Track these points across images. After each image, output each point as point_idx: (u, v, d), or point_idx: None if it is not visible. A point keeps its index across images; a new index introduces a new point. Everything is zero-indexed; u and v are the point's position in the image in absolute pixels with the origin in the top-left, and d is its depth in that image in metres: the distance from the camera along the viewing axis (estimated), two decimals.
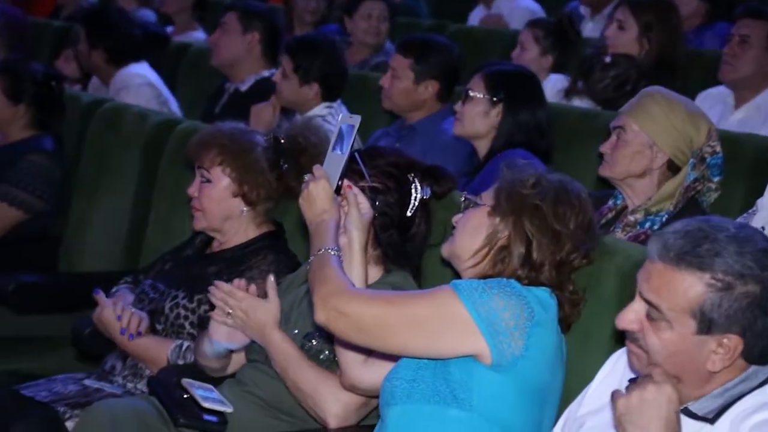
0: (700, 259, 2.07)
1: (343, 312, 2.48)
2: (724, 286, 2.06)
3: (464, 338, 2.45)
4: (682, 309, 2.08)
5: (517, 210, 2.57)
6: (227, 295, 2.96)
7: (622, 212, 3.42)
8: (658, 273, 2.11)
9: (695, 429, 2.08)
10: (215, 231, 3.48)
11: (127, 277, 3.69)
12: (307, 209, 2.69)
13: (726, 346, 2.07)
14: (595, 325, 2.63)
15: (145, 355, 3.38)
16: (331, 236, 2.63)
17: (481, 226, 2.61)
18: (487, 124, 3.96)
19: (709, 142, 3.31)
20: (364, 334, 2.50)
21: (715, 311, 2.06)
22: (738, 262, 2.06)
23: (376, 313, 2.48)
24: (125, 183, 4.34)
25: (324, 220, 2.65)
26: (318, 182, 2.67)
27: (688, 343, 2.08)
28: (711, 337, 2.07)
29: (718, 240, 2.08)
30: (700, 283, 2.07)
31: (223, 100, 5.38)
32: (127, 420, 2.88)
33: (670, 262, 2.09)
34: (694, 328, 2.07)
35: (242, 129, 3.52)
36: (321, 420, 2.82)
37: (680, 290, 2.08)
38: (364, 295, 2.55)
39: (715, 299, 2.06)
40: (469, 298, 2.45)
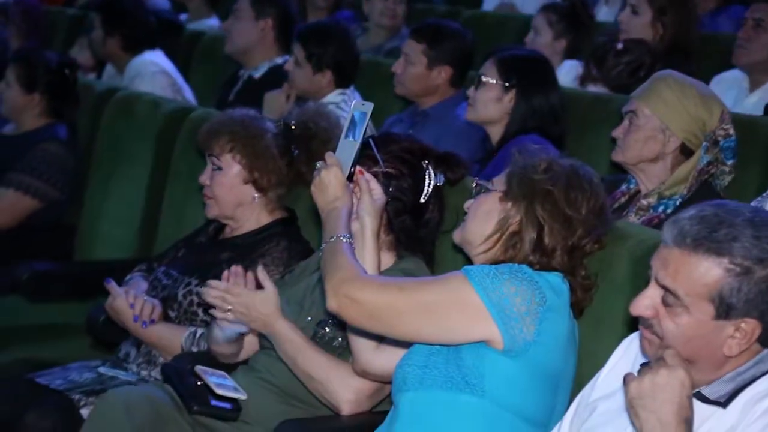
0: (717, 244, 2.06)
1: (354, 299, 2.47)
2: (743, 271, 2.04)
3: (476, 324, 2.45)
4: (699, 294, 2.06)
5: (529, 195, 2.57)
6: (224, 293, 2.96)
7: (635, 196, 3.40)
8: (675, 259, 2.09)
9: (707, 413, 2.07)
10: (228, 218, 3.48)
11: (141, 264, 3.70)
12: (319, 196, 2.68)
13: (743, 331, 2.05)
14: (608, 310, 2.62)
15: (159, 343, 3.39)
16: (343, 223, 2.62)
17: (492, 211, 2.61)
18: (500, 109, 3.95)
19: (722, 125, 3.29)
20: (376, 320, 2.50)
21: (734, 296, 2.04)
22: (756, 246, 2.05)
23: (388, 299, 2.48)
24: (139, 171, 4.35)
25: (336, 207, 2.64)
26: (330, 169, 2.66)
27: (706, 328, 2.07)
28: (729, 321, 2.06)
29: (734, 224, 2.07)
30: (718, 268, 2.05)
31: (237, 87, 5.38)
32: (141, 408, 2.89)
33: (686, 247, 2.07)
34: (712, 313, 2.06)
35: (252, 116, 3.52)
36: (333, 407, 2.83)
37: (698, 275, 2.06)
38: (375, 281, 2.55)
39: (734, 284, 2.05)
40: (480, 283, 2.45)
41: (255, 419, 2.92)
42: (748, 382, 2.07)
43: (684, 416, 1.99)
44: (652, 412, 1.99)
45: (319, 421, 2.86)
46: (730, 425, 2.03)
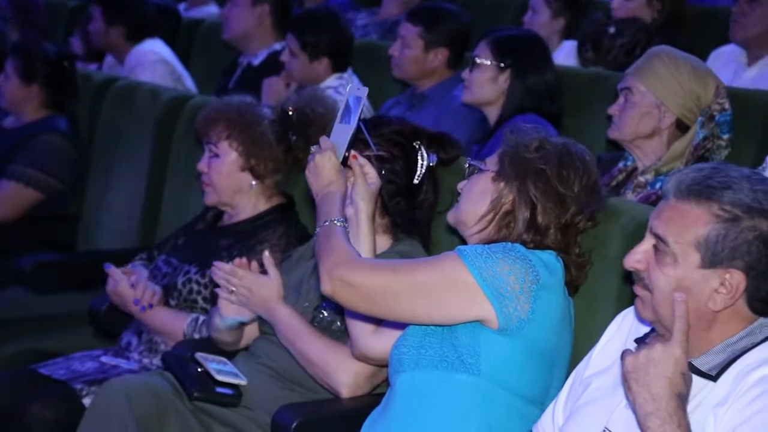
0: (710, 189, 2.06)
1: (348, 282, 2.48)
2: (731, 218, 2.04)
3: (470, 303, 2.45)
4: (687, 241, 2.07)
5: (521, 174, 2.57)
6: (229, 275, 2.98)
7: (632, 173, 3.41)
8: (669, 207, 2.11)
9: (699, 385, 2.07)
10: (226, 205, 3.49)
11: (141, 253, 3.72)
12: (314, 181, 2.68)
13: (728, 284, 2.05)
14: (601, 287, 2.63)
15: (162, 329, 3.41)
16: (337, 207, 2.62)
17: (485, 191, 2.61)
18: (496, 90, 3.95)
19: (717, 100, 3.28)
20: (371, 303, 2.51)
21: (720, 242, 2.04)
22: (748, 197, 2.05)
23: (382, 281, 2.49)
24: (139, 160, 4.36)
25: (330, 191, 2.64)
26: (324, 154, 2.66)
27: (692, 279, 2.07)
28: (714, 271, 2.05)
29: (730, 176, 2.08)
30: (707, 214, 2.06)
31: (236, 74, 5.38)
32: (142, 396, 2.90)
33: (681, 195, 2.09)
34: (698, 261, 2.06)
35: (249, 103, 3.53)
36: (333, 390, 2.84)
37: (688, 222, 2.07)
38: (369, 264, 2.55)
39: (720, 230, 2.05)
40: (473, 263, 2.45)
41: (256, 404, 2.94)
42: (739, 354, 2.07)
43: (676, 391, 1.99)
44: (643, 386, 2.00)
45: (319, 404, 2.88)
46: (721, 397, 2.03)
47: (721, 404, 2.02)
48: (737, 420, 1.98)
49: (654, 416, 1.98)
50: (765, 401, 1.98)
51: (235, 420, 2.94)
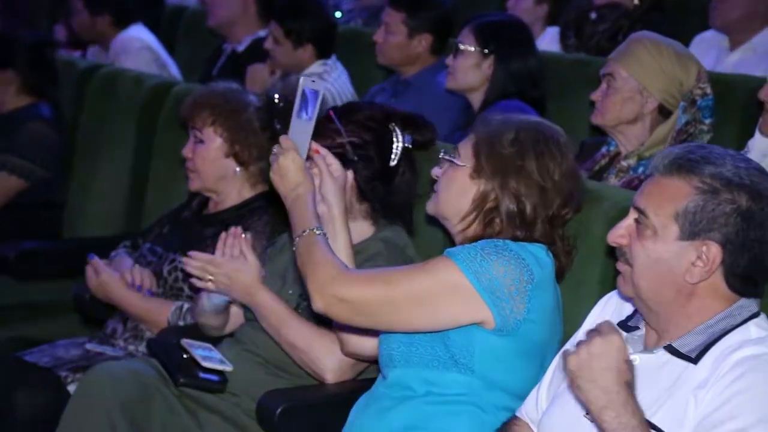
0: (691, 162, 2.09)
1: (342, 298, 2.43)
2: (710, 189, 2.07)
3: (468, 308, 2.43)
4: (667, 213, 2.09)
5: (501, 172, 2.52)
6: (207, 264, 2.96)
7: (615, 158, 3.42)
8: (653, 182, 2.14)
9: (680, 368, 2.08)
10: (210, 191, 3.50)
11: (125, 241, 3.72)
12: (280, 184, 2.59)
13: (705, 256, 2.07)
14: (586, 272, 2.64)
15: (147, 317, 3.41)
16: (311, 212, 2.54)
17: (465, 189, 2.56)
18: (480, 76, 3.97)
19: (699, 84, 3.30)
20: (366, 316, 2.46)
21: (698, 213, 2.06)
22: (730, 171, 2.07)
23: (377, 294, 2.44)
24: (123, 147, 4.36)
25: (299, 194, 2.55)
26: (287, 154, 2.56)
27: (670, 251, 2.09)
28: (691, 243, 2.07)
29: (714, 152, 2.11)
30: (687, 187, 2.08)
31: (220, 61, 5.38)
32: (127, 382, 2.90)
33: (664, 170, 2.11)
34: (676, 233, 2.08)
35: (234, 89, 3.53)
36: (318, 376, 2.84)
37: (668, 195, 2.09)
38: (361, 277, 2.49)
39: (699, 201, 2.07)
40: (469, 267, 2.42)
41: (241, 390, 2.94)
42: (718, 336, 2.08)
43: (624, 380, 1.98)
44: (591, 382, 1.98)
45: (304, 390, 2.88)
46: (701, 380, 2.04)
47: (701, 387, 2.03)
48: (717, 401, 2.00)
49: (608, 409, 1.97)
50: (744, 382, 2.00)
51: (221, 406, 2.94)
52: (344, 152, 2.86)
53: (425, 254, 2.95)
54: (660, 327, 2.16)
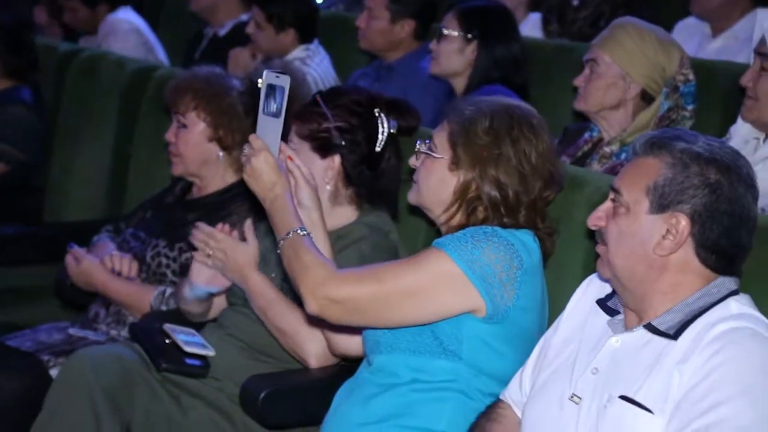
0: (664, 140, 2.14)
1: (334, 299, 2.42)
2: (680, 164, 2.11)
3: (462, 298, 2.43)
4: (638, 189, 2.13)
5: (479, 162, 2.52)
6: (207, 237, 2.97)
7: (598, 144, 3.43)
8: (630, 164, 2.19)
9: (661, 345, 2.11)
10: (193, 176, 3.49)
11: (107, 225, 3.71)
12: (255, 185, 2.53)
13: (674, 229, 2.10)
14: (568, 256, 2.65)
15: (129, 302, 3.40)
16: (293, 214, 2.51)
17: (445, 181, 2.56)
18: (463, 61, 3.97)
19: (681, 70, 3.31)
20: (360, 315, 2.46)
21: (667, 185, 2.11)
22: (700, 147, 2.12)
23: (370, 292, 2.44)
24: (105, 131, 4.35)
25: (277, 194, 2.52)
26: (259, 155, 2.51)
27: (640, 225, 2.13)
28: (661, 216, 2.11)
29: (688, 133, 2.17)
30: (660, 163, 2.13)
31: (202, 45, 5.37)
32: (109, 367, 2.90)
33: (640, 150, 2.16)
34: (647, 206, 2.12)
35: (217, 74, 3.52)
36: (302, 360, 2.85)
37: (641, 172, 2.14)
38: (351, 276, 2.47)
39: (668, 174, 2.11)
40: (460, 256, 2.42)
41: (224, 375, 2.94)
42: (697, 314, 2.11)
43: None
44: None
45: (287, 374, 2.88)
46: (681, 356, 2.07)
47: (683, 361, 2.06)
48: (698, 376, 2.02)
49: None
50: (724, 355, 2.02)
51: (204, 391, 2.94)
52: (330, 137, 2.86)
53: (409, 240, 2.96)
54: (637, 307, 2.18)
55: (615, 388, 2.11)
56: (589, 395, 2.15)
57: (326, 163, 2.88)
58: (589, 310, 2.29)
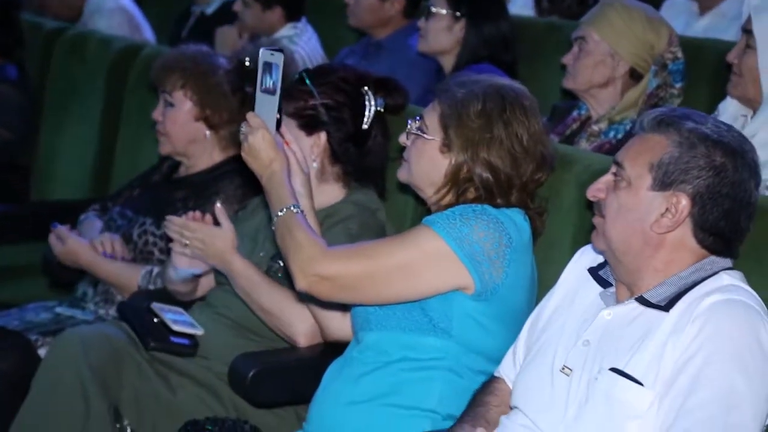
0: (673, 118, 2.13)
1: (325, 276, 2.43)
2: (687, 143, 2.10)
3: (450, 275, 2.44)
4: (642, 164, 2.13)
5: (471, 145, 2.51)
6: (181, 228, 2.96)
7: (586, 122, 3.43)
8: (635, 138, 2.18)
9: (653, 317, 2.11)
10: (181, 155, 3.48)
11: (94, 204, 3.70)
12: (253, 162, 2.56)
13: (674, 207, 2.10)
14: (557, 235, 2.65)
15: (116, 281, 3.40)
16: (288, 190, 2.53)
17: (436, 163, 2.55)
18: (451, 39, 3.96)
19: (670, 48, 3.31)
20: (351, 292, 2.47)
21: (672, 164, 2.10)
22: (709, 129, 2.11)
23: (359, 269, 2.45)
24: (91, 110, 4.33)
25: (274, 171, 2.54)
26: (256, 133, 2.54)
27: (642, 201, 2.13)
28: (662, 194, 2.11)
29: (697, 113, 2.17)
30: (666, 141, 2.12)
31: (189, 24, 5.34)
32: (98, 346, 2.89)
33: (647, 127, 2.15)
34: (649, 183, 2.12)
35: (204, 52, 3.51)
36: (290, 339, 2.85)
37: (647, 147, 2.14)
38: (342, 254, 2.48)
39: (674, 153, 2.11)
40: (449, 234, 2.43)
41: (212, 354, 2.94)
42: (689, 287, 2.11)
43: None
44: None
45: (276, 353, 2.88)
46: (673, 326, 2.07)
47: (676, 332, 2.07)
48: (692, 349, 2.03)
49: None
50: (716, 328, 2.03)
51: (192, 370, 2.94)
52: (317, 114, 2.86)
53: (396, 218, 2.96)
54: (629, 280, 2.18)
55: (606, 360, 2.12)
56: (579, 367, 2.16)
57: (312, 140, 2.88)
58: (581, 281, 2.30)
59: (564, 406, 2.15)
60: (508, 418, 2.27)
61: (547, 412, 2.17)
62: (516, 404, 2.27)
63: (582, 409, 2.12)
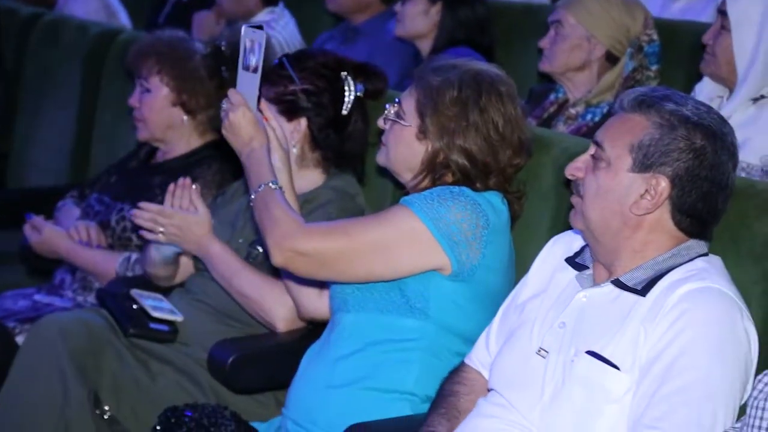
0: (653, 99, 2.13)
1: (301, 251, 2.44)
2: (667, 124, 2.10)
3: (426, 255, 2.45)
4: (622, 145, 2.12)
5: (447, 133, 2.52)
6: (157, 215, 2.94)
7: (563, 105, 3.44)
8: (615, 118, 2.18)
9: (630, 301, 2.12)
10: (158, 141, 3.48)
11: (72, 191, 3.69)
12: (233, 140, 2.59)
13: (653, 189, 2.10)
14: (535, 218, 2.65)
15: (94, 269, 3.39)
16: (267, 167, 2.55)
17: (413, 149, 2.55)
18: (428, 23, 3.97)
19: (645, 31, 3.33)
20: (327, 268, 2.48)
21: (652, 146, 2.10)
22: (689, 111, 2.11)
23: (337, 246, 2.45)
24: (68, 96, 4.31)
25: (254, 148, 2.56)
26: (237, 110, 2.56)
27: (621, 182, 2.12)
28: (642, 176, 2.11)
29: (678, 94, 2.16)
30: (646, 121, 2.12)
31: (166, 9, 5.32)
32: (76, 332, 2.88)
33: (627, 107, 2.15)
34: (629, 164, 2.12)
35: (180, 37, 3.51)
36: (269, 325, 2.85)
37: (627, 128, 2.13)
38: (319, 229, 2.49)
39: (655, 134, 2.11)
40: (426, 214, 2.44)
41: (192, 340, 2.94)
42: (665, 272, 2.12)
43: None
44: None
45: (255, 339, 2.88)
46: (649, 312, 2.08)
47: (649, 320, 2.07)
48: (667, 338, 2.03)
49: None
50: (691, 317, 2.03)
51: (172, 356, 2.94)
52: (297, 100, 2.85)
53: (375, 203, 2.96)
54: (607, 261, 2.19)
55: (582, 342, 2.13)
56: (556, 349, 2.16)
57: (293, 126, 2.88)
58: (556, 267, 2.30)
59: (540, 388, 2.15)
60: (485, 400, 2.28)
61: (523, 394, 2.18)
62: (493, 386, 2.27)
63: (558, 391, 2.13)
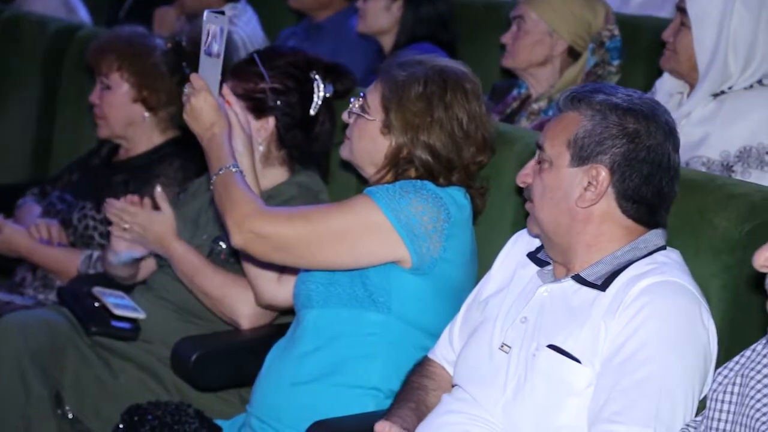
0: (585, 94, 2.16)
1: (260, 234, 2.44)
2: (599, 115, 2.13)
3: (386, 246, 2.45)
4: (561, 143, 2.15)
5: (411, 128, 2.52)
6: (121, 212, 2.94)
7: (526, 101, 3.45)
8: (553, 119, 2.21)
9: (591, 296, 2.13)
10: (119, 138, 3.46)
11: (33, 188, 3.66)
12: (194, 124, 2.58)
13: (594, 180, 2.13)
14: (498, 214, 2.66)
15: (56, 267, 3.37)
16: (227, 151, 2.54)
17: (377, 144, 2.56)
18: (390, 19, 3.98)
19: (607, 26, 3.35)
20: (285, 253, 2.48)
21: (586, 137, 2.13)
22: (619, 98, 2.14)
23: (296, 231, 2.45)
24: (28, 93, 4.28)
25: (215, 134, 2.56)
26: (199, 95, 2.56)
27: (562, 178, 2.15)
28: (582, 169, 2.13)
29: (608, 86, 2.20)
30: (580, 116, 2.15)
31: (127, 4, 5.28)
32: (37, 331, 2.88)
33: (563, 105, 2.18)
34: (568, 159, 2.15)
35: (140, 33, 3.49)
36: (233, 322, 2.84)
37: (562, 126, 2.17)
38: (280, 214, 2.50)
39: (588, 126, 2.14)
40: (387, 205, 2.44)
41: (155, 338, 2.93)
42: (624, 266, 2.13)
43: None
44: None
45: (218, 336, 2.88)
46: (609, 307, 2.09)
47: (609, 315, 2.08)
48: (625, 333, 2.04)
49: None
50: (650, 311, 2.05)
51: (134, 354, 2.93)
52: (265, 98, 2.84)
53: (339, 197, 2.94)
54: (564, 259, 2.20)
55: (543, 337, 2.14)
56: (518, 344, 2.17)
57: (260, 124, 2.87)
58: (518, 263, 2.31)
59: (503, 383, 2.16)
60: (449, 395, 2.28)
61: (487, 390, 2.18)
62: (457, 382, 2.28)
63: (521, 385, 2.13)
